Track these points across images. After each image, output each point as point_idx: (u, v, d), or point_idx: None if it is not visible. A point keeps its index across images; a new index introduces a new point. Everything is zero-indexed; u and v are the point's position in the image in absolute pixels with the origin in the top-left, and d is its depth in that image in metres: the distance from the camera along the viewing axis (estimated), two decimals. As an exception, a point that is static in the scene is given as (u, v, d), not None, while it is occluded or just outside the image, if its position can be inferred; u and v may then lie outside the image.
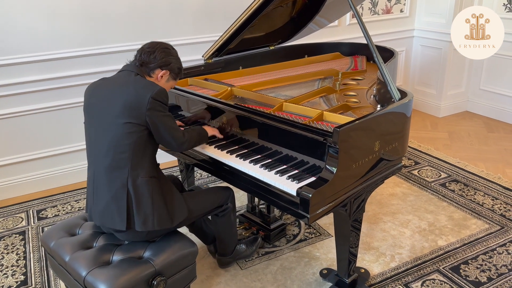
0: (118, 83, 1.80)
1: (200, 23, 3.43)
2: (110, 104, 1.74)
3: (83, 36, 3.07)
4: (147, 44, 1.89)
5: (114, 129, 1.73)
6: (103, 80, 1.86)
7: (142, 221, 1.73)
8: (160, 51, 1.85)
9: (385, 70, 2.02)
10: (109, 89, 1.79)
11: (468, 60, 4.40)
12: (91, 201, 1.82)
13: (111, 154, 1.73)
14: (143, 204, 1.74)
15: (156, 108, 1.73)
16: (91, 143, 1.82)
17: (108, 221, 1.77)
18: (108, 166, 1.74)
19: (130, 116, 1.71)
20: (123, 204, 1.73)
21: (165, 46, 1.89)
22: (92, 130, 1.81)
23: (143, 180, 1.75)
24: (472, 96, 4.56)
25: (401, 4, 4.37)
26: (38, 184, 3.21)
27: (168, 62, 1.87)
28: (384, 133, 1.90)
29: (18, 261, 2.46)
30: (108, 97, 1.76)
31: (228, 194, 2.11)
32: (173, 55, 1.90)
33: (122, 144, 1.72)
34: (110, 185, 1.74)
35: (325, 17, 3.06)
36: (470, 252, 2.43)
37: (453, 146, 3.80)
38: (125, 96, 1.72)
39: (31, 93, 3.02)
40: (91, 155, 1.83)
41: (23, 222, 2.84)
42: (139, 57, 1.86)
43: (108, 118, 1.74)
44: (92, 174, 1.81)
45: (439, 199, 2.96)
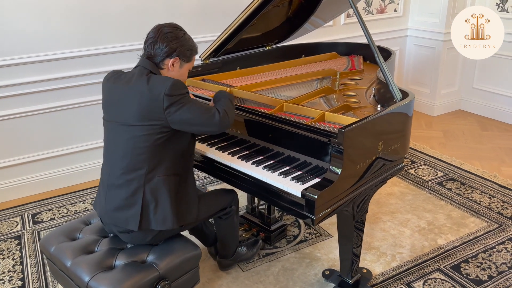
0: (133, 82, 1.71)
1: (197, 23, 3.40)
2: (126, 106, 1.69)
3: (77, 37, 3.03)
4: (151, 31, 1.78)
5: (132, 131, 1.68)
6: (119, 76, 1.77)
7: (162, 220, 1.71)
8: (163, 38, 1.72)
9: (386, 70, 2.02)
10: (124, 89, 1.71)
11: (461, 59, 4.44)
12: (103, 199, 1.78)
13: (129, 156, 1.70)
14: (161, 203, 1.71)
15: (173, 103, 1.64)
16: (109, 141, 1.78)
17: (120, 221, 1.74)
18: (125, 167, 1.71)
19: (148, 118, 1.66)
20: (138, 205, 1.70)
21: (168, 31, 1.75)
22: (110, 128, 1.78)
23: (160, 178, 1.71)
24: (465, 95, 4.60)
25: (395, 3, 4.39)
26: (33, 187, 3.16)
27: (173, 49, 1.73)
28: (387, 133, 1.90)
29: (14, 267, 2.42)
30: (124, 97, 1.70)
31: (232, 197, 2.09)
32: (178, 38, 1.75)
33: (140, 147, 1.69)
34: (125, 186, 1.71)
35: (321, 17, 3.06)
36: (470, 250, 2.45)
37: (448, 144, 3.83)
38: (139, 98, 1.66)
39: (25, 95, 2.97)
40: (107, 153, 1.80)
41: (18, 227, 2.79)
42: (145, 50, 1.78)
43: (125, 119, 1.69)
44: (107, 173, 1.78)
45: (436, 198, 2.98)
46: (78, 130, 3.22)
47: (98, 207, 1.83)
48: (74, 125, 3.20)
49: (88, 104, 3.20)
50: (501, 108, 4.28)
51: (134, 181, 1.70)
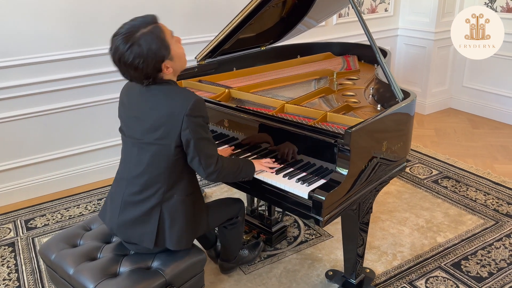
0: (149, 93, 1.61)
1: (190, 24, 3.37)
2: (144, 120, 1.61)
3: (69, 38, 2.96)
4: (119, 66, 1.54)
5: (152, 150, 1.61)
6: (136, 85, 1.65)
7: (176, 240, 1.68)
8: (135, 69, 1.50)
9: (388, 70, 2.02)
10: (142, 99, 1.62)
11: (451, 58, 4.49)
12: (115, 216, 1.72)
13: (147, 174, 1.64)
14: (177, 223, 1.68)
15: (192, 128, 1.54)
16: (127, 157, 1.71)
17: (134, 238, 1.70)
18: (143, 184, 1.65)
19: (165, 138, 1.58)
20: (154, 224, 1.66)
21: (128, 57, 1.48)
22: (128, 144, 1.70)
23: (178, 199, 1.68)
24: (455, 94, 4.65)
25: (386, 3, 4.41)
26: (24, 192, 3.08)
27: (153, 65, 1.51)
28: (391, 133, 1.90)
29: (10, 274, 2.36)
30: (142, 110, 1.61)
31: (239, 207, 2.04)
32: (141, 54, 1.48)
33: (159, 166, 1.63)
34: (142, 203, 1.67)
35: (313, 17, 3.06)
36: (469, 248, 2.47)
37: (441, 142, 3.87)
38: (157, 114, 1.57)
39: (15, 98, 2.89)
40: (125, 169, 1.72)
41: (11, 233, 2.72)
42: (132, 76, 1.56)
43: (145, 135, 1.61)
44: (122, 190, 1.71)
45: (433, 196, 3.01)
46: (71, 134, 3.16)
47: (108, 220, 1.77)
48: (66, 128, 3.13)
49: (80, 107, 3.14)
50: (490, 106, 4.34)
51: (152, 199, 1.66)
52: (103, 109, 3.22)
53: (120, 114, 1.75)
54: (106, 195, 3.13)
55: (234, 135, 2.13)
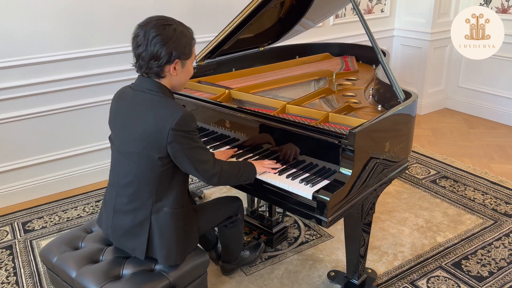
0: (137, 103, 1.59)
1: (188, 24, 3.34)
2: (131, 134, 1.59)
3: (66, 39, 2.93)
4: (138, 36, 1.53)
5: (136, 162, 1.60)
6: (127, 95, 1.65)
7: (165, 254, 1.66)
8: (153, 45, 1.50)
9: (390, 71, 2.03)
10: (132, 111, 1.60)
11: (447, 58, 4.52)
12: (109, 223, 1.72)
13: (135, 185, 1.63)
14: (166, 237, 1.65)
15: (178, 140, 1.52)
16: (115, 166, 1.70)
17: (127, 247, 1.70)
18: (132, 195, 1.64)
19: (151, 149, 1.55)
20: (144, 235, 1.65)
21: (156, 33, 1.50)
22: (117, 151, 1.69)
23: (168, 212, 1.65)
24: (451, 94, 4.68)
25: (382, 4, 4.43)
26: (21, 194, 3.05)
27: (169, 53, 1.51)
28: (393, 134, 1.91)
29: (8, 278, 2.33)
30: (130, 124, 1.60)
31: (238, 205, 2.03)
32: (169, 39, 1.50)
33: (146, 177, 1.61)
34: (132, 213, 1.66)
35: (310, 18, 3.06)
36: (469, 247, 2.48)
37: (438, 142, 3.89)
38: (143, 125, 1.54)
39: (12, 99, 2.86)
40: (114, 178, 1.71)
41: (9, 236, 2.68)
42: (139, 66, 1.58)
43: (130, 148, 1.60)
44: (114, 198, 1.70)
45: (431, 195, 3.02)
46: (68, 135, 3.13)
47: (104, 227, 1.77)
48: (64, 130, 3.10)
49: (78, 108, 3.11)
50: (486, 106, 4.37)
51: (142, 210, 1.65)
52: (101, 110, 3.20)
53: (110, 122, 1.73)
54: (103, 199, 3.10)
55: (236, 136, 2.13)
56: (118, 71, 3.16)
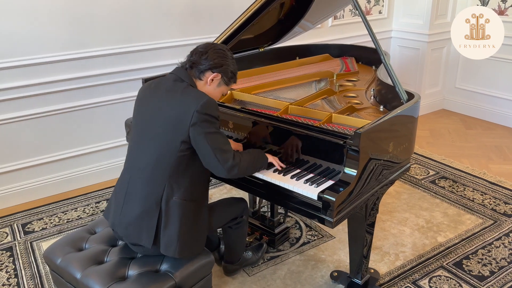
0: (167, 91, 1.69)
1: (187, 25, 3.35)
2: (156, 116, 1.66)
3: (65, 40, 2.92)
4: (201, 45, 1.76)
5: (157, 144, 1.65)
6: (156, 84, 1.75)
7: (166, 245, 1.66)
8: (213, 51, 1.72)
9: (393, 72, 2.04)
10: (158, 97, 1.69)
11: (444, 59, 4.56)
12: (118, 211, 1.72)
13: (150, 169, 1.65)
14: (170, 227, 1.66)
15: (201, 123, 1.59)
16: (133, 150, 1.74)
17: (133, 236, 1.69)
18: (146, 179, 1.66)
19: (174, 132, 1.62)
20: (153, 221, 1.65)
21: (220, 48, 1.75)
22: (136, 136, 1.74)
23: (176, 201, 1.66)
24: (448, 95, 4.72)
25: (380, 5, 4.46)
26: (20, 196, 3.03)
27: (220, 64, 1.71)
28: (397, 134, 1.92)
29: (9, 280, 2.31)
30: (156, 106, 1.68)
31: (243, 206, 2.04)
32: (227, 57, 1.75)
33: (163, 161, 1.64)
34: (143, 199, 1.66)
35: (310, 20, 3.07)
36: (469, 247, 2.50)
37: (436, 143, 3.92)
38: (170, 110, 1.63)
39: (10, 100, 2.84)
40: (129, 162, 1.75)
41: (9, 237, 2.67)
42: (190, 58, 1.74)
43: (153, 130, 1.66)
44: (126, 182, 1.72)
45: (431, 196, 3.04)
46: (66, 136, 3.11)
47: (111, 217, 1.76)
48: (62, 131, 3.09)
49: (76, 109, 3.09)
50: (483, 107, 4.41)
51: (153, 195, 1.66)
52: (100, 111, 3.19)
53: (135, 107, 1.78)
54: (103, 197, 3.10)
55: (239, 137, 2.13)
56: (116, 72, 3.15)
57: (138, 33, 3.17)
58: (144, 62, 3.23)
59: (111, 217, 1.77)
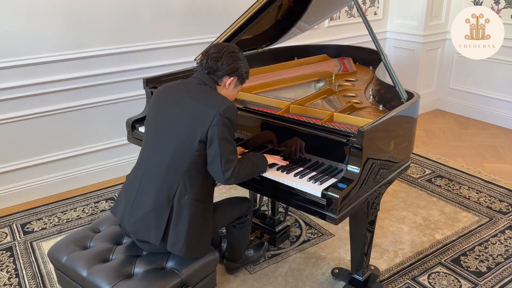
0: (190, 92, 1.75)
1: (187, 25, 3.37)
2: (178, 114, 1.70)
3: (64, 39, 2.92)
4: (213, 48, 1.80)
5: (175, 141, 1.68)
6: (179, 85, 1.82)
7: (173, 242, 1.68)
8: (228, 56, 1.76)
9: (393, 72, 2.08)
10: (182, 97, 1.75)
11: (438, 60, 4.62)
12: (128, 206, 1.73)
13: (166, 166, 1.67)
14: (180, 225, 1.68)
15: (220, 125, 1.64)
16: (149, 146, 1.75)
17: (142, 232, 1.70)
18: (160, 176, 1.68)
19: (194, 131, 1.66)
20: (164, 218, 1.67)
21: (232, 50, 1.79)
22: (153, 132, 1.76)
23: (188, 200, 1.68)
24: (442, 95, 4.78)
25: (375, 7, 4.51)
26: (19, 196, 3.02)
27: (236, 68, 1.78)
28: (398, 133, 1.95)
29: (10, 279, 2.31)
30: (179, 105, 1.72)
31: (247, 206, 2.06)
32: (240, 59, 1.81)
33: (179, 159, 1.67)
34: (156, 195, 1.68)
35: (307, 21, 3.10)
36: (466, 244, 2.55)
37: (431, 143, 3.97)
38: (194, 111, 1.68)
39: (9, 100, 2.84)
40: (144, 158, 1.76)
41: (8, 238, 2.66)
42: (205, 64, 1.77)
43: (173, 128, 1.70)
44: (138, 178, 1.74)
45: (428, 194, 3.08)
46: (66, 136, 3.11)
47: (120, 213, 1.77)
48: (61, 131, 3.09)
49: (75, 109, 3.10)
50: (476, 107, 4.48)
51: (165, 193, 1.67)
52: (99, 111, 3.19)
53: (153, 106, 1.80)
54: (102, 197, 3.10)
55: (241, 136, 2.15)
56: (117, 71, 3.16)
57: (138, 33, 3.18)
58: (143, 62, 3.24)
59: (119, 213, 1.77)
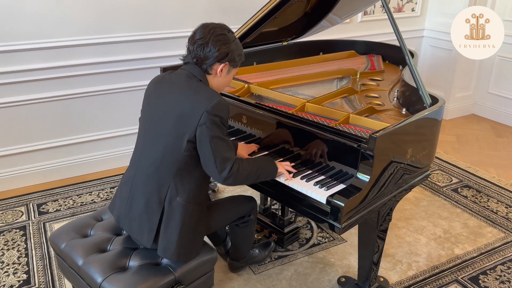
0: (178, 88, 1.63)
1: (211, 15, 3.30)
2: (166, 112, 1.61)
3: (88, 24, 2.92)
4: (198, 32, 1.61)
5: (164, 141, 1.60)
6: (165, 80, 1.70)
7: (163, 246, 1.63)
8: (215, 40, 1.58)
9: (417, 74, 1.94)
10: (168, 94, 1.64)
11: (478, 62, 4.35)
12: (124, 205, 1.70)
13: (157, 165, 1.62)
14: (170, 228, 1.62)
15: (209, 124, 1.52)
16: (140, 144, 1.71)
17: (136, 233, 1.68)
18: (151, 175, 1.63)
19: (182, 129, 1.56)
20: (155, 220, 1.62)
21: (220, 33, 1.60)
22: (143, 132, 1.70)
23: (179, 202, 1.62)
24: (479, 99, 4.51)
25: (413, 3, 4.29)
26: (38, 176, 3.08)
27: (225, 53, 1.60)
28: (416, 140, 1.82)
29: (19, 258, 2.35)
30: (166, 102, 1.62)
31: (252, 206, 1.99)
32: (230, 41, 1.61)
33: (169, 159, 1.60)
34: (147, 196, 1.64)
35: (338, 14, 2.97)
36: (488, 262, 2.38)
37: (462, 150, 3.76)
38: (181, 107, 1.57)
39: (33, 81, 2.88)
40: (136, 156, 1.72)
41: (23, 217, 2.71)
42: (193, 52, 1.62)
43: (162, 126, 1.61)
44: (131, 177, 1.70)
45: (452, 205, 2.91)
46: (86, 120, 3.14)
47: (116, 211, 1.75)
48: (82, 115, 3.11)
49: (98, 94, 3.11)
50: (516, 115, 4.21)
51: (156, 194, 1.62)
52: (121, 97, 3.19)
53: (144, 102, 1.73)
54: (119, 183, 3.11)
55: (252, 132, 2.08)
56: (140, 58, 3.15)
57: (161, 20, 3.15)
58: (165, 50, 3.21)
59: (116, 211, 1.75)
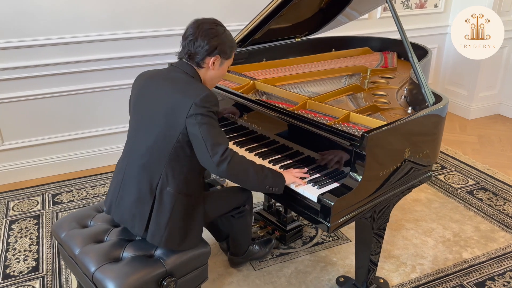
0: (168, 82, 1.67)
1: (225, 11, 3.32)
2: (157, 105, 1.65)
3: (105, 20, 3.00)
4: (189, 28, 1.67)
5: (156, 132, 1.64)
6: (156, 74, 1.73)
7: (152, 232, 1.66)
8: (203, 35, 1.62)
9: (419, 71, 1.88)
10: (160, 87, 1.67)
11: (504, 61, 4.18)
12: (115, 195, 1.75)
13: (148, 155, 1.66)
14: (160, 216, 1.65)
15: (197, 115, 1.55)
16: (131, 136, 1.75)
17: (127, 222, 1.72)
18: (142, 166, 1.67)
19: (171, 121, 1.60)
20: (146, 209, 1.66)
21: (208, 27, 1.65)
22: (135, 124, 1.74)
23: (170, 192, 1.65)
24: (505, 99, 4.34)
25: (436, -2, 4.16)
26: (55, 167, 3.20)
27: (214, 46, 1.64)
28: (415, 140, 1.77)
29: (30, 246, 2.45)
30: (158, 96, 1.66)
31: (246, 196, 2.00)
32: (218, 35, 1.65)
33: (160, 150, 1.63)
34: (138, 185, 1.67)
35: (356, 9, 2.91)
36: (497, 267, 2.30)
37: (483, 151, 3.63)
38: (172, 101, 1.61)
39: (50, 76, 2.98)
40: (128, 147, 1.76)
41: (38, 206, 2.82)
42: (185, 47, 1.67)
43: (153, 118, 1.65)
44: (123, 168, 1.75)
45: (465, 207, 2.82)
46: (101, 114, 3.23)
47: (109, 201, 1.80)
48: (98, 109, 3.20)
49: (112, 88, 3.19)
50: (543, 116, 4.02)
51: (147, 183, 1.66)
52: (135, 92, 3.26)
53: (133, 95, 1.76)
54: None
55: (251, 127, 2.08)
56: (154, 54, 3.20)
57: (175, 16, 3.18)
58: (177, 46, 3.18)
59: (108, 203, 1.80)
